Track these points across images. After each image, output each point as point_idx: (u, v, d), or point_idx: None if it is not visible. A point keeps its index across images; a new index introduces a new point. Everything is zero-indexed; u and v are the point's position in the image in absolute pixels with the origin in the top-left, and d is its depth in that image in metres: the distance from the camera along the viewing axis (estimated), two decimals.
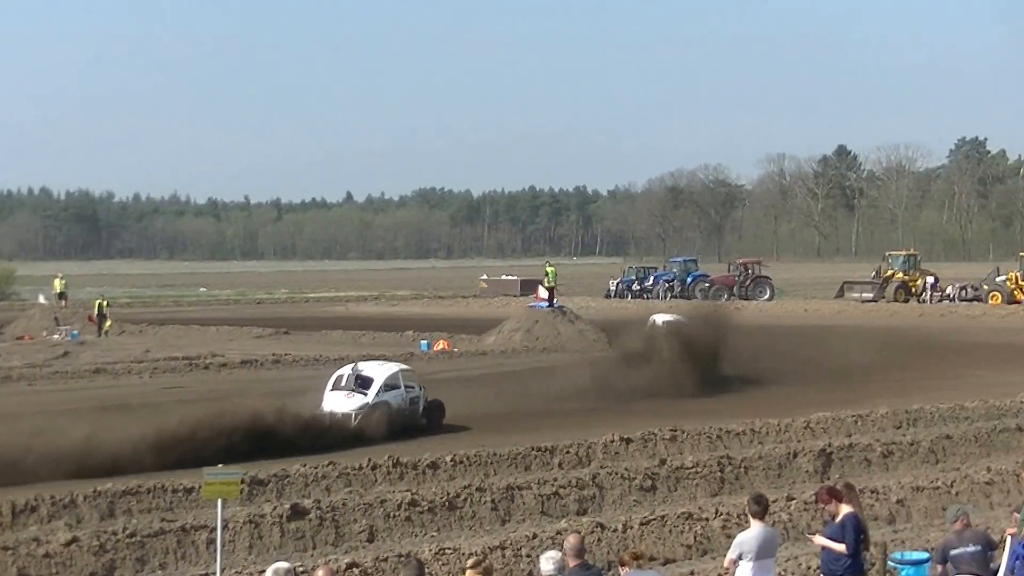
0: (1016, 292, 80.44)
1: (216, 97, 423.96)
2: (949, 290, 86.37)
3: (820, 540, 15.12)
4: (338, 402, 33.46)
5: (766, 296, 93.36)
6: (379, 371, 34.93)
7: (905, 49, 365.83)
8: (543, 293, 67.87)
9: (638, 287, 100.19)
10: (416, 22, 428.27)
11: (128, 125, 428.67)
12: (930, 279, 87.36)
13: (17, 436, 28.38)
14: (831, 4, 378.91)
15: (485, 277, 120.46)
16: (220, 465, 18.49)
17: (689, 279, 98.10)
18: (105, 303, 71.70)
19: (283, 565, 13.57)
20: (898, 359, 51.45)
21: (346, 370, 35.02)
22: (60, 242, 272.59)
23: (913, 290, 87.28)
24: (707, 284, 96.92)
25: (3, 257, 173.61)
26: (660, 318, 50.94)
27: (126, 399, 41.06)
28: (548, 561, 13.25)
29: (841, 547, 14.72)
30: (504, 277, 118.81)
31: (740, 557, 14.36)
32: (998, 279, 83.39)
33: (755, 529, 14.53)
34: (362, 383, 34.08)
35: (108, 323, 69.62)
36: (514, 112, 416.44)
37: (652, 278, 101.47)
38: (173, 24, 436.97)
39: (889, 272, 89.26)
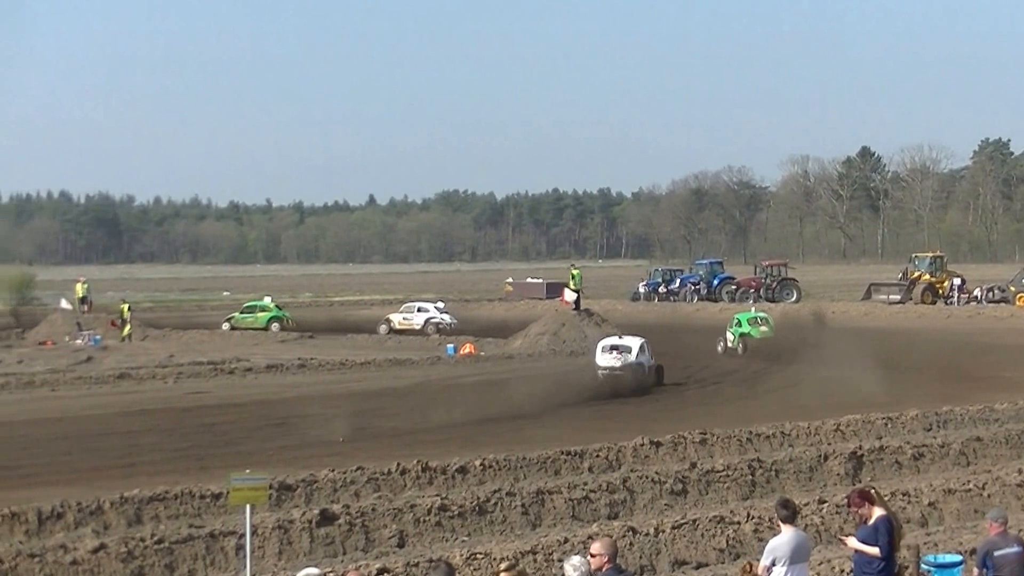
0: None
1: (238, 100, 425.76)
2: (976, 292, 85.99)
3: (853, 543, 14.92)
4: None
5: (793, 298, 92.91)
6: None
7: (928, 49, 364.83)
8: (569, 296, 67.65)
9: (664, 290, 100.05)
10: (440, 23, 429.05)
11: (148, 128, 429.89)
12: (956, 281, 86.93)
13: None
14: (854, 4, 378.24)
15: (510, 280, 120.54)
16: (247, 471, 18.37)
17: (715, 281, 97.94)
18: (128, 308, 71.47)
19: (313, 571, 13.48)
20: (931, 360, 51.17)
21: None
22: (80, 246, 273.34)
23: (940, 292, 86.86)
24: (733, 286, 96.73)
25: (23, 261, 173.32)
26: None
27: (150, 404, 41.20)
28: (573, 569, 12.59)
29: (874, 550, 14.52)
30: (529, 280, 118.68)
31: (774, 563, 14.18)
32: None
33: (787, 534, 14.35)
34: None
35: (127, 327, 69.10)
36: (537, 114, 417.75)
37: (678, 280, 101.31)
38: (195, 26, 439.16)
39: (915, 274, 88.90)
